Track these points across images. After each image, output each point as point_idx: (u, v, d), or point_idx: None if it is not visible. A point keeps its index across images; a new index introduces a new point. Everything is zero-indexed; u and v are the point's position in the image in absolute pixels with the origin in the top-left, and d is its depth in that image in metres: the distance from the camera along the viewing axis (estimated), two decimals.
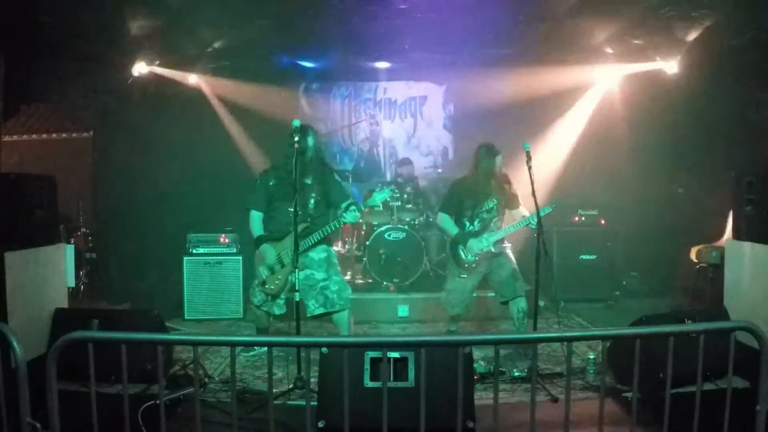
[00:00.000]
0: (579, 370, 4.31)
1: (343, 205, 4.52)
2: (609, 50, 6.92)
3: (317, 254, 4.55)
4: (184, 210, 7.05)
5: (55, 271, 4.64)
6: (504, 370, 4.32)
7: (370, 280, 6.57)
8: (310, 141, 4.47)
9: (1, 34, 5.34)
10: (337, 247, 6.82)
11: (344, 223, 4.47)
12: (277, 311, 4.66)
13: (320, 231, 4.41)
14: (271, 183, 4.56)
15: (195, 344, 2.41)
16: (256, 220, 4.63)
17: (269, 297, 4.59)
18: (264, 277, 4.55)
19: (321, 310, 4.51)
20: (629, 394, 3.78)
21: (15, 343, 2.26)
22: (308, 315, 4.56)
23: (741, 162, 6.17)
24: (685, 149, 7.08)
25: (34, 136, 9.25)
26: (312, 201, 4.50)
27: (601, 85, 7.76)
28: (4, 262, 3.96)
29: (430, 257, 6.78)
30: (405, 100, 8.66)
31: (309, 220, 4.45)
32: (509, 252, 4.97)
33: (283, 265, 4.50)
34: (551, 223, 6.47)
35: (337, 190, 4.63)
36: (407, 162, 7.46)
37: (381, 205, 6.57)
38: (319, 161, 4.62)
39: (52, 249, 4.60)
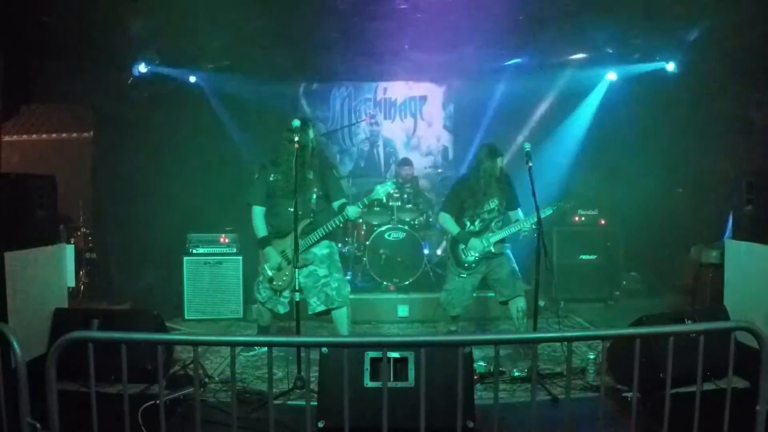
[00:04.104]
0: (579, 370, 4.31)
1: (336, 204, 4.52)
2: (609, 50, 6.92)
3: (320, 250, 4.57)
4: (184, 210, 7.05)
5: (55, 271, 4.64)
6: (504, 370, 4.32)
7: (370, 280, 6.57)
8: (311, 133, 4.47)
9: (1, 34, 5.35)
10: (337, 247, 6.82)
11: (346, 219, 4.45)
12: (282, 310, 4.69)
13: (324, 227, 4.43)
14: (271, 178, 4.54)
15: (195, 344, 2.41)
16: (259, 217, 4.62)
17: (276, 293, 4.61)
18: (271, 274, 4.57)
19: (322, 308, 4.56)
20: (629, 394, 3.78)
21: (15, 343, 2.26)
22: (309, 312, 4.60)
23: (741, 162, 6.17)
24: (685, 149, 7.07)
25: (34, 136, 9.28)
26: (314, 196, 4.50)
27: (601, 86, 7.75)
28: (4, 262, 3.96)
29: (430, 257, 6.77)
30: (405, 100, 8.65)
31: (312, 216, 4.46)
32: (509, 252, 4.97)
33: (289, 261, 4.50)
34: (551, 223, 6.48)
35: (335, 186, 4.64)
36: (407, 162, 7.44)
37: (381, 204, 6.59)
38: (318, 154, 4.61)
39: (52, 249, 4.61)
